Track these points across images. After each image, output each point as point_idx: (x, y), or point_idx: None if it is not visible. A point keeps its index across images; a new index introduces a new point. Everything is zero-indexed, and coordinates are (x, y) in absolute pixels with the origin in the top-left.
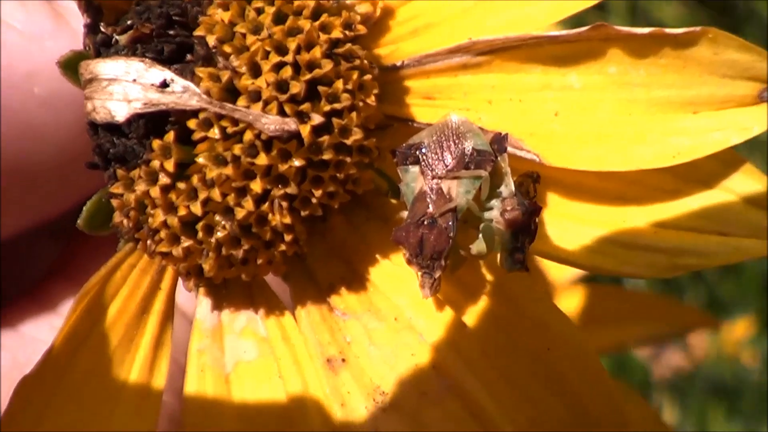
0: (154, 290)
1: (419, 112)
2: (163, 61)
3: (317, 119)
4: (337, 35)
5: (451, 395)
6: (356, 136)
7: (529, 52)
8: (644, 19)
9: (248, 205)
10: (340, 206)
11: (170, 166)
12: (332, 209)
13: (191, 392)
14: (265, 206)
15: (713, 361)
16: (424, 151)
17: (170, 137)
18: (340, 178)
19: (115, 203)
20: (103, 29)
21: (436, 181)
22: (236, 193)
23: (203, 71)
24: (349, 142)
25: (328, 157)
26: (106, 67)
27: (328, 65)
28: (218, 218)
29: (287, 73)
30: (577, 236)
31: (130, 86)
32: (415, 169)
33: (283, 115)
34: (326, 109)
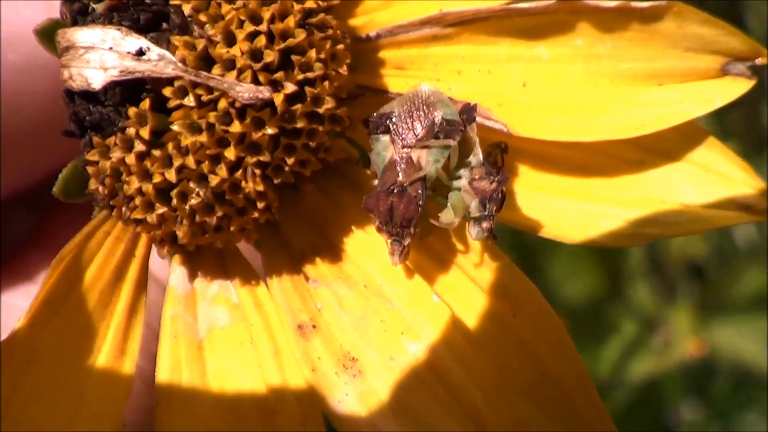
0: (128, 257)
1: (391, 82)
2: (139, 29)
3: (290, 88)
4: (310, 5)
5: (418, 360)
6: (328, 104)
7: (498, 24)
8: None
9: (222, 172)
10: (312, 174)
11: (146, 133)
12: (304, 177)
13: (164, 358)
14: (238, 173)
15: None
16: (394, 120)
17: (146, 105)
18: (312, 146)
19: (90, 170)
20: None
21: (406, 150)
22: (210, 160)
23: (179, 40)
24: (321, 110)
25: (300, 125)
26: (82, 35)
27: (301, 35)
28: (192, 185)
29: (261, 42)
30: (543, 205)
31: (106, 54)
32: (385, 138)
33: (257, 83)
34: (299, 78)
